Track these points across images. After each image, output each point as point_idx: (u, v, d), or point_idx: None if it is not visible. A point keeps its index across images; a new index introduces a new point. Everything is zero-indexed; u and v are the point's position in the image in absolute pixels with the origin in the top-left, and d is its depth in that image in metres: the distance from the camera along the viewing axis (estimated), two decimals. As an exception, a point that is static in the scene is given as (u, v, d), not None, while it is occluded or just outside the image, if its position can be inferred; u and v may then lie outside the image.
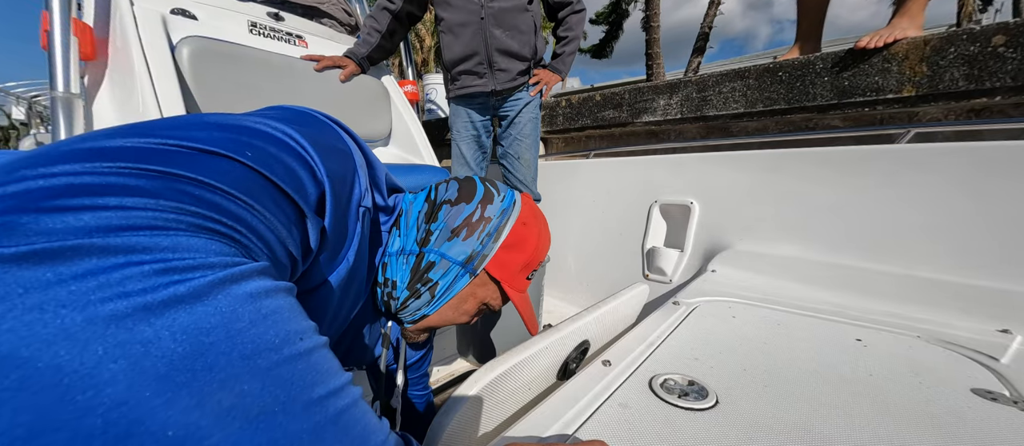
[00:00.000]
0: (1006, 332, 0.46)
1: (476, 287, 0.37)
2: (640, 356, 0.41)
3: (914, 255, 0.61)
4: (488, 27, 0.96)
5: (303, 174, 0.24)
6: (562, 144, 1.49)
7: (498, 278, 0.37)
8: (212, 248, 0.17)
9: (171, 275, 0.15)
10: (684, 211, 0.93)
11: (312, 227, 0.24)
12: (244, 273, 0.17)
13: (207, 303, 0.15)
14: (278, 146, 0.23)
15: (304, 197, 0.24)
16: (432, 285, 0.36)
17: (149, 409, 0.12)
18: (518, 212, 0.38)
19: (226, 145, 0.20)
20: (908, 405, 0.32)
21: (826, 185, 0.72)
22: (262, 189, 0.21)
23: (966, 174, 0.58)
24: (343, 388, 0.18)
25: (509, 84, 1.02)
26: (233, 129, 0.22)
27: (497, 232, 0.36)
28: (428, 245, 0.35)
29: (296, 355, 0.17)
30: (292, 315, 0.18)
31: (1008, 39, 0.68)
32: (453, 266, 0.36)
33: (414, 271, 0.36)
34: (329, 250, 0.27)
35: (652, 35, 6.91)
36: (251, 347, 0.15)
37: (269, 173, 0.21)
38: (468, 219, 0.36)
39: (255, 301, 0.16)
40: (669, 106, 1.12)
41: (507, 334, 0.86)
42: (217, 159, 0.20)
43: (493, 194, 0.38)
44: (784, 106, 0.94)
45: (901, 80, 0.79)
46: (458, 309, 0.38)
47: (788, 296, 0.59)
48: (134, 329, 0.13)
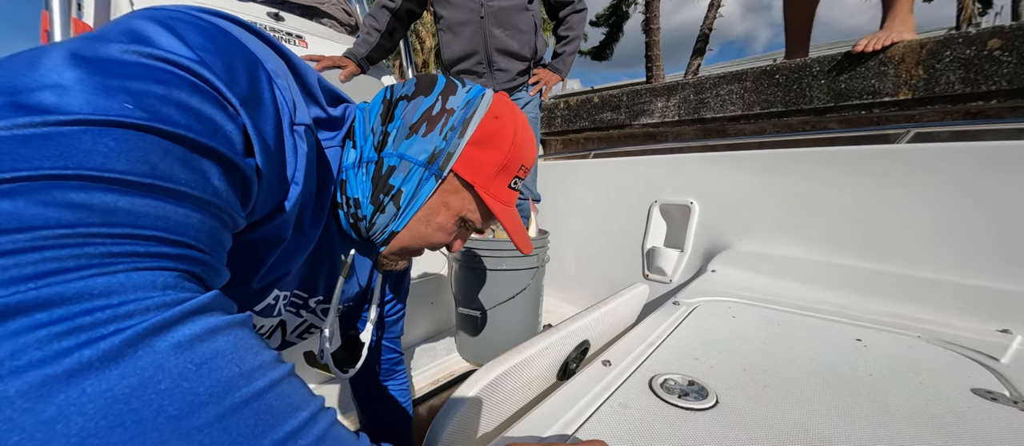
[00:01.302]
0: (1006, 332, 0.46)
1: (447, 195, 0.32)
2: (640, 356, 0.41)
3: (914, 255, 0.61)
4: (488, 26, 0.95)
5: (209, 110, 0.18)
6: (561, 146, 1.50)
7: (470, 181, 0.32)
8: (130, 285, 0.14)
9: (77, 336, 0.12)
10: (684, 211, 0.93)
11: (244, 171, 0.20)
12: (171, 319, 0.14)
13: (123, 364, 0.12)
14: (165, 81, 0.17)
15: (222, 140, 0.18)
16: (395, 193, 0.31)
17: None
18: (488, 104, 0.32)
19: (94, 103, 0.15)
20: (908, 405, 0.32)
21: (826, 185, 0.72)
22: (164, 153, 0.16)
23: (966, 174, 0.59)
24: (307, 424, 0.16)
25: (508, 84, 1.02)
26: (97, 70, 0.15)
27: (463, 125, 0.31)
28: (385, 148, 0.31)
29: (240, 403, 0.14)
30: (236, 356, 0.15)
31: (1004, 43, 0.69)
32: (415, 167, 0.31)
33: (375, 181, 0.31)
34: (268, 185, 0.22)
35: (652, 37, 6.96)
36: (181, 407, 0.13)
37: (166, 126, 0.16)
38: (428, 112, 0.31)
39: (185, 351, 0.14)
40: (667, 108, 1.13)
41: (507, 334, 0.86)
42: (88, 132, 0.14)
43: (456, 85, 0.33)
44: (781, 108, 0.95)
45: (897, 83, 0.80)
46: (430, 223, 0.33)
47: (788, 296, 0.59)
48: (33, 410, 0.11)
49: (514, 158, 0.33)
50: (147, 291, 0.14)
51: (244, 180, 0.20)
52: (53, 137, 0.14)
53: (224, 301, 0.17)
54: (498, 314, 0.84)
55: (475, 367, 0.87)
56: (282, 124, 0.23)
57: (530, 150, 0.35)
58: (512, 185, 0.34)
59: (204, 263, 0.17)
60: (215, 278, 0.19)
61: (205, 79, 0.18)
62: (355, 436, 0.18)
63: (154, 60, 0.17)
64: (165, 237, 0.15)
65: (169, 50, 0.18)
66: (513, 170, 0.33)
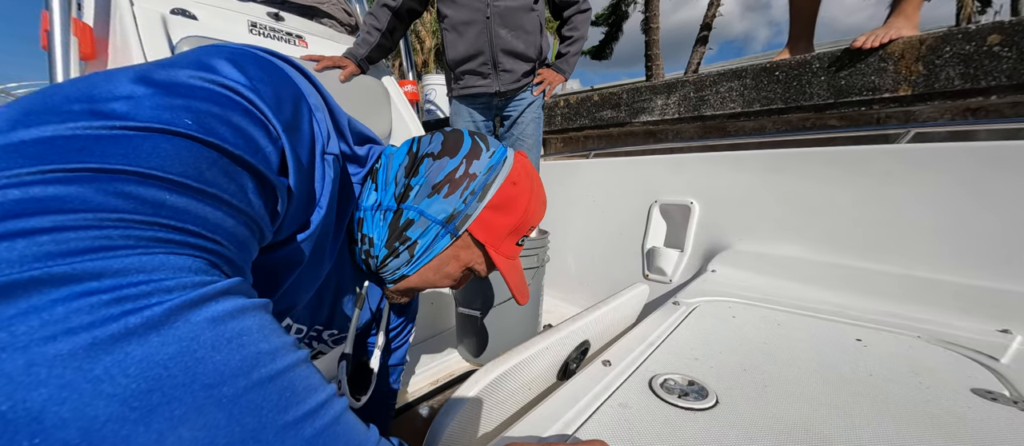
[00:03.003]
0: (1006, 332, 0.46)
1: (459, 249, 0.34)
2: (640, 356, 0.41)
3: (914, 255, 0.61)
4: (494, 26, 0.95)
5: (255, 132, 0.21)
6: (560, 144, 1.49)
7: (482, 241, 0.34)
8: (169, 265, 0.15)
9: (123, 304, 0.13)
10: (684, 211, 0.93)
11: (277, 190, 0.22)
12: (206, 296, 0.15)
13: (163, 333, 0.13)
14: (221, 104, 0.19)
15: (262, 160, 0.21)
16: (410, 244, 0.33)
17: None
18: (508, 170, 0.34)
19: (159, 115, 0.17)
20: (908, 405, 0.32)
21: (827, 185, 0.72)
22: (211, 163, 0.18)
23: (966, 174, 0.58)
24: (324, 405, 0.17)
25: (513, 85, 1.02)
26: (164, 90, 0.18)
27: (483, 191, 0.33)
28: (407, 201, 0.32)
29: (266, 378, 0.15)
30: (263, 335, 0.16)
31: (1003, 38, 0.69)
32: (433, 225, 0.33)
33: (392, 228, 0.33)
34: (297, 205, 0.24)
35: (652, 37, 6.94)
36: (214, 376, 0.14)
37: (217, 141, 0.18)
38: (451, 175, 0.32)
39: (218, 325, 0.15)
40: (667, 106, 1.12)
41: (507, 334, 0.86)
42: (151, 138, 0.16)
43: (481, 149, 0.34)
44: (781, 105, 0.94)
45: (897, 79, 0.80)
46: (440, 272, 0.35)
47: (788, 296, 0.59)
48: (82, 368, 0.12)
49: (525, 222, 0.36)
50: (184, 272, 0.16)
51: (275, 196, 0.22)
52: (120, 139, 0.16)
53: (248, 287, 0.18)
54: (498, 314, 0.84)
55: (475, 367, 0.87)
56: (315, 150, 0.26)
57: (541, 212, 0.37)
58: (519, 243, 0.37)
59: (232, 261, 0.19)
60: (243, 270, 0.21)
61: (255, 105, 0.21)
62: (365, 426, 0.19)
63: (215, 85, 0.20)
64: (202, 232, 0.17)
65: (229, 77, 0.21)
66: (523, 231, 0.36)
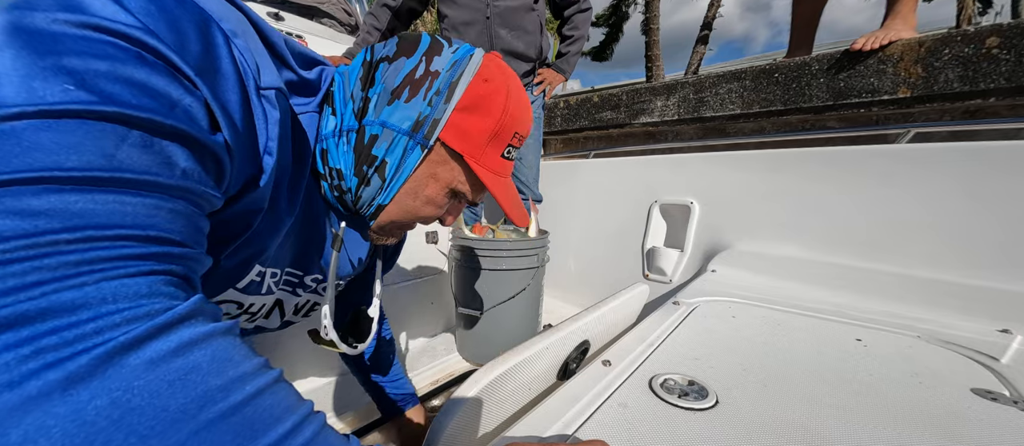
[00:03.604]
0: (1006, 332, 0.46)
1: (435, 166, 0.30)
2: (640, 356, 0.41)
3: (914, 255, 0.61)
4: (494, 27, 0.95)
5: (162, 84, 0.16)
6: (560, 145, 1.50)
7: (459, 150, 0.29)
8: (96, 298, 0.13)
9: (42, 357, 0.11)
10: (684, 211, 0.93)
11: (212, 149, 0.18)
12: (141, 336, 0.13)
13: (92, 385, 0.12)
14: (107, 57, 0.14)
15: (182, 117, 0.16)
16: (379, 165, 0.29)
17: None
18: (477, 66, 0.29)
19: (33, 90, 0.13)
20: (908, 405, 0.32)
21: (826, 185, 0.72)
22: (119, 140, 0.14)
23: (966, 174, 0.59)
24: (291, 432, 0.15)
25: None
26: (25, 46, 0.13)
27: (449, 90, 0.28)
28: (367, 116, 0.28)
29: (217, 418, 0.13)
30: (216, 367, 0.14)
31: (1002, 41, 0.69)
32: (398, 137, 0.28)
33: (358, 151, 0.28)
34: (241, 159, 0.20)
35: (652, 38, 6.96)
36: (153, 425, 0.12)
37: (116, 108, 0.14)
38: (410, 75, 0.28)
39: (158, 367, 0.13)
40: (666, 107, 1.13)
41: (507, 334, 0.86)
42: (35, 125, 0.12)
43: (442, 45, 0.29)
44: (781, 107, 0.95)
45: (896, 81, 0.80)
46: (418, 196, 0.30)
47: (788, 296, 0.59)
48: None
49: (507, 125, 0.30)
50: (119, 302, 0.13)
51: (214, 158, 0.18)
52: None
53: (204, 306, 0.16)
54: (498, 314, 0.84)
55: (475, 367, 0.87)
56: (247, 90, 0.20)
57: (525, 115, 0.31)
58: (505, 154, 0.31)
59: (182, 257, 0.16)
60: (196, 268, 0.18)
61: (152, 48, 0.16)
62: (345, 439, 0.17)
63: (90, 30, 0.14)
64: (134, 235, 0.14)
65: (105, 17, 0.15)
66: (506, 138, 0.30)
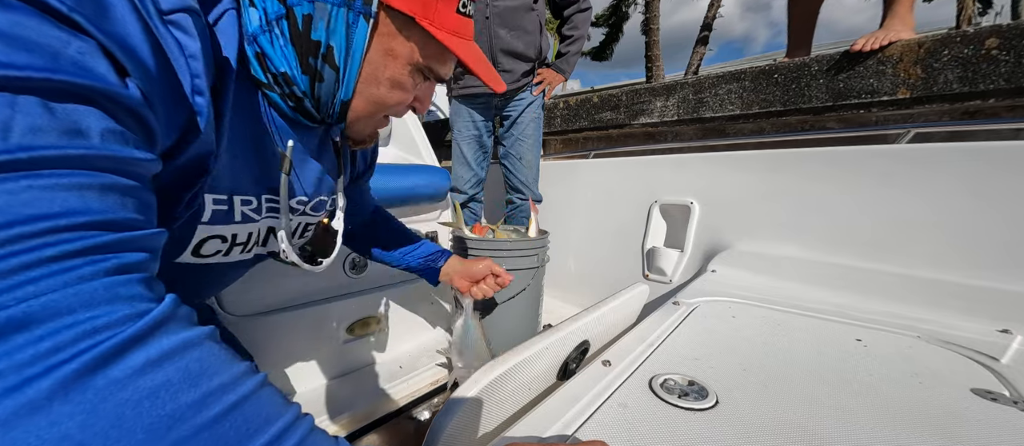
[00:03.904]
0: (1006, 332, 0.46)
1: (387, 40, 0.26)
2: (640, 356, 0.41)
3: (914, 255, 0.61)
4: (493, 27, 0.95)
5: (37, 30, 0.12)
6: (560, 145, 1.50)
7: (407, 11, 0.25)
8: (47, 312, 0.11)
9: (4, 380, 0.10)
10: (684, 211, 0.93)
11: (123, 101, 0.15)
12: (109, 351, 0.12)
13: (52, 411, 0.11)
14: None
15: (74, 70, 0.13)
16: (325, 52, 0.25)
17: None
18: None
19: None
20: (908, 405, 0.32)
21: (826, 185, 0.72)
22: (10, 113, 0.12)
23: (966, 174, 0.59)
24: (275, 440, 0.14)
25: (513, 84, 1.02)
26: None
27: None
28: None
29: (191, 434, 0.12)
30: (188, 381, 0.13)
31: (1001, 42, 0.69)
32: (333, 9, 0.24)
33: (296, 42, 0.25)
34: (164, 103, 0.17)
35: (652, 38, 6.97)
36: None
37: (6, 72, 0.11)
38: None
39: (125, 387, 0.12)
40: (666, 108, 1.13)
41: (507, 334, 0.86)
42: None
43: None
44: (780, 108, 0.95)
45: (896, 82, 0.80)
46: (380, 81, 0.27)
47: (788, 296, 0.59)
48: None
49: None
50: (76, 313, 0.11)
51: (131, 113, 0.15)
52: None
53: (176, 311, 0.14)
54: (498, 314, 0.84)
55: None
56: (148, 20, 0.17)
57: None
58: (461, 9, 0.28)
59: (131, 243, 0.14)
60: (152, 251, 0.15)
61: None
62: (334, 441, 0.17)
63: None
64: (68, 224, 0.12)
65: None
66: None
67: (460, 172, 1.12)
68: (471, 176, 1.12)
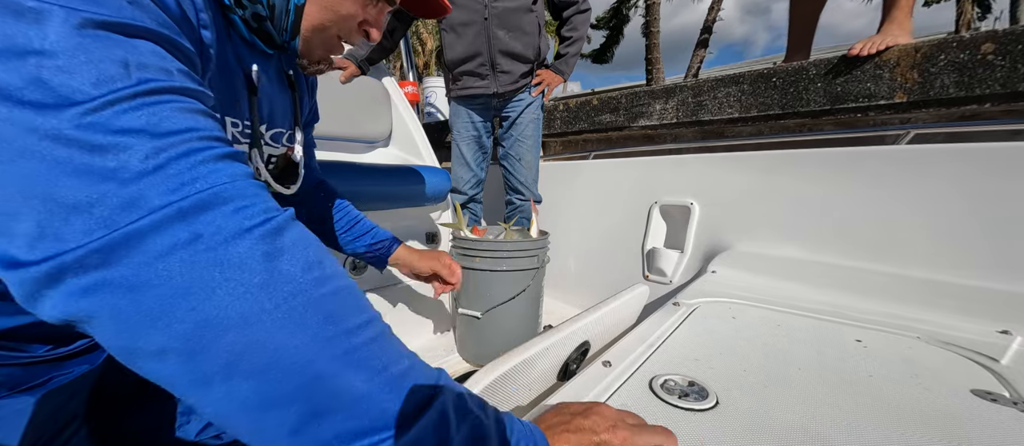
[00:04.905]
0: (1006, 333, 0.46)
1: None
2: (640, 357, 0.41)
3: (913, 255, 0.61)
4: (492, 28, 0.95)
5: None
6: (560, 147, 1.50)
7: None
8: (247, 191, 0.17)
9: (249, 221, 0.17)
10: (684, 212, 0.93)
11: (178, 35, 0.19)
12: (282, 222, 0.18)
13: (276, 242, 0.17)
14: None
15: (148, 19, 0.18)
16: None
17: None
18: None
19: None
20: (908, 406, 0.32)
21: (826, 186, 0.72)
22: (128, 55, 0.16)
23: (966, 175, 0.59)
24: (375, 319, 0.19)
25: (511, 86, 1.02)
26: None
27: None
28: None
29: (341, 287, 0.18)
30: (325, 255, 0.19)
31: (997, 47, 0.70)
32: None
33: None
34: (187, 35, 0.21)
35: (652, 41, 7.01)
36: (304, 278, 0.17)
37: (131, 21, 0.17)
38: None
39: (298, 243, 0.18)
40: (665, 110, 1.13)
41: (507, 335, 0.86)
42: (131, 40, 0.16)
43: None
44: (779, 111, 0.95)
45: (893, 86, 0.81)
46: None
47: (788, 297, 0.59)
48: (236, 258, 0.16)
49: None
50: (248, 198, 0.17)
51: (185, 52, 0.20)
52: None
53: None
54: (498, 315, 0.84)
55: (475, 368, 0.86)
56: None
57: None
58: None
59: (239, 154, 0.19)
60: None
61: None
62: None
63: None
64: (207, 136, 0.17)
65: None
66: None
67: (460, 173, 1.12)
68: (471, 177, 1.12)
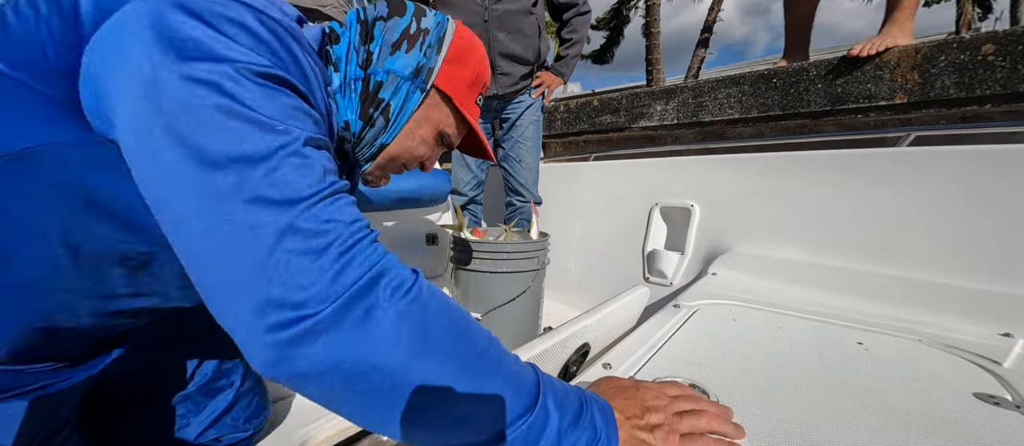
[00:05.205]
0: (1008, 336, 0.46)
1: (429, 109, 0.36)
2: (641, 359, 0.40)
3: (915, 258, 0.61)
4: (492, 30, 0.96)
5: (305, 107, 0.24)
6: (560, 148, 1.50)
7: (450, 93, 0.36)
8: (392, 262, 0.23)
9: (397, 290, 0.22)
10: (685, 214, 0.93)
11: (329, 149, 0.26)
12: (423, 287, 0.23)
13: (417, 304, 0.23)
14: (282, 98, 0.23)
15: (324, 133, 0.25)
16: (384, 107, 0.34)
17: None
18: (453, 25, 0.38)
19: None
20: (909, 409, 0.32)
21: (827, 188, 0.72)
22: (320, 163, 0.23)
23: (967, 177, 0.59)
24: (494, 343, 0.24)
25: (512, 88, 1.02)
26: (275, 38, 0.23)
27: (438, 43, 0.36)
28: (371, 65, 0.34)
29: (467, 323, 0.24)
30: (451, 305, 0.24)
31: (997, 48, 0.70)
32: (402, 82, 0.34)
33: (364, 97, 0.34)
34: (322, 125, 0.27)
35: (652, 41, 7.02)
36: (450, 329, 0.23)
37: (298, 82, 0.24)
38: (406, 32, 0.35)
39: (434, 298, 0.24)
40: (666, 111, 1.13)
41: (507, 337, 0.86)
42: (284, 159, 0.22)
43: (424, 8, 0.37)
44: (779, 112, 0.95)
45: (893, 87, 0.81)
46: (415, 136, 0.37)
47: (789, 299, 0.59)
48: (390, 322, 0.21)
49: (481, 74, 0.39)
50: (397, 269, 0.23)
51: (332, 156, 0.26)
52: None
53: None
54: (498, 316, 0.84)
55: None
56: (322, 91, 0.28)
57: (488, 69, 0.40)
58: (478, 101, 0.40)
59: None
60: None
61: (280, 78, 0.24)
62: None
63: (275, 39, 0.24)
64: (363, 224, 0.23)
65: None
66: (479, 87, 0.39)
67: (460, 174, 1.12)
68: (471, 178, 1.12)
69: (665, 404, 0.27)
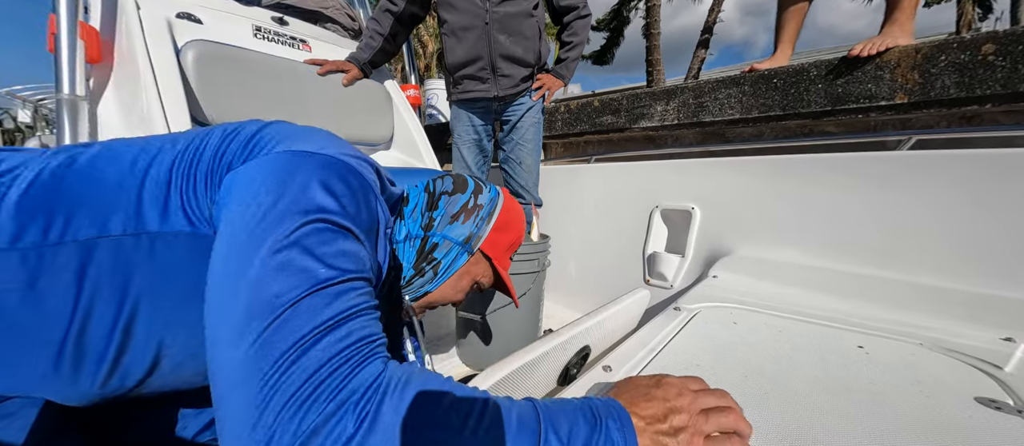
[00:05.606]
0: (1010, 340, 0.45)
1: (471, 265, 0.44)
2: (641, 362, 0.40)
3: (917, 262, 0.61)
4: (492, 32, 0.96)
5: (360, 250, 0.29)
6: (561, 149, 1.50)
7: (490, 256, 0.44)
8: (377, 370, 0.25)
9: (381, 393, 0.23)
10: (685, 216, 0.93)
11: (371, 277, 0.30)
12: (419, 376, 0.25)
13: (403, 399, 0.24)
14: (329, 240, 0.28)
15: (365, 268, 0.29)
16: (435, 264, 0.42)
17: None
18: (503, 201, 0.46)
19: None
20: (910, 413, 0.32)
21: (829, 191, 0.72)
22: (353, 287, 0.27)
23: (969, 181, 0.59)
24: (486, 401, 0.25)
25: (512, 90, 1.02)
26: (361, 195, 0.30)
27: (489, 216, 0.44)
28: (432, 230, 0.42)
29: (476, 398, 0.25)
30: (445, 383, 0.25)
31: (998, 48, 0.70)
32: (454, 246, 0.42)
33: (420, 253, 0.42)
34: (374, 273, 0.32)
35: (652, 42, 7.02)
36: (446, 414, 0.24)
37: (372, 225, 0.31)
38: (465, 206, 0.43)
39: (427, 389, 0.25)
40: (666, 112, 1.13)
41: (508, 339, 0.86)
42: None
43: (482, 187, 0.46)
44: (779, 112, 0.95)
45: (893, 87, 0.80)
46: (455, 286, 0.44)
47: (790, 302, 0.59)
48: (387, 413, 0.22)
49: (518, 239, 0.47)
50: (389, 370, 0.24)
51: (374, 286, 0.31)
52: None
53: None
54: (499, 319, 0.84)
55: (476, 372, 0.86)
56: (380, 231, 0.34)
57: (524, 234, 0.48)
58: (512, 257, 0.48)
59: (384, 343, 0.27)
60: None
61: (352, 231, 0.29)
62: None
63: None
64: (381, 342, 0.26)
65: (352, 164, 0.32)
66: (516, 247, 0.48)
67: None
68: (471, 180, 1.12)
69: (689, 403, 0.26)
